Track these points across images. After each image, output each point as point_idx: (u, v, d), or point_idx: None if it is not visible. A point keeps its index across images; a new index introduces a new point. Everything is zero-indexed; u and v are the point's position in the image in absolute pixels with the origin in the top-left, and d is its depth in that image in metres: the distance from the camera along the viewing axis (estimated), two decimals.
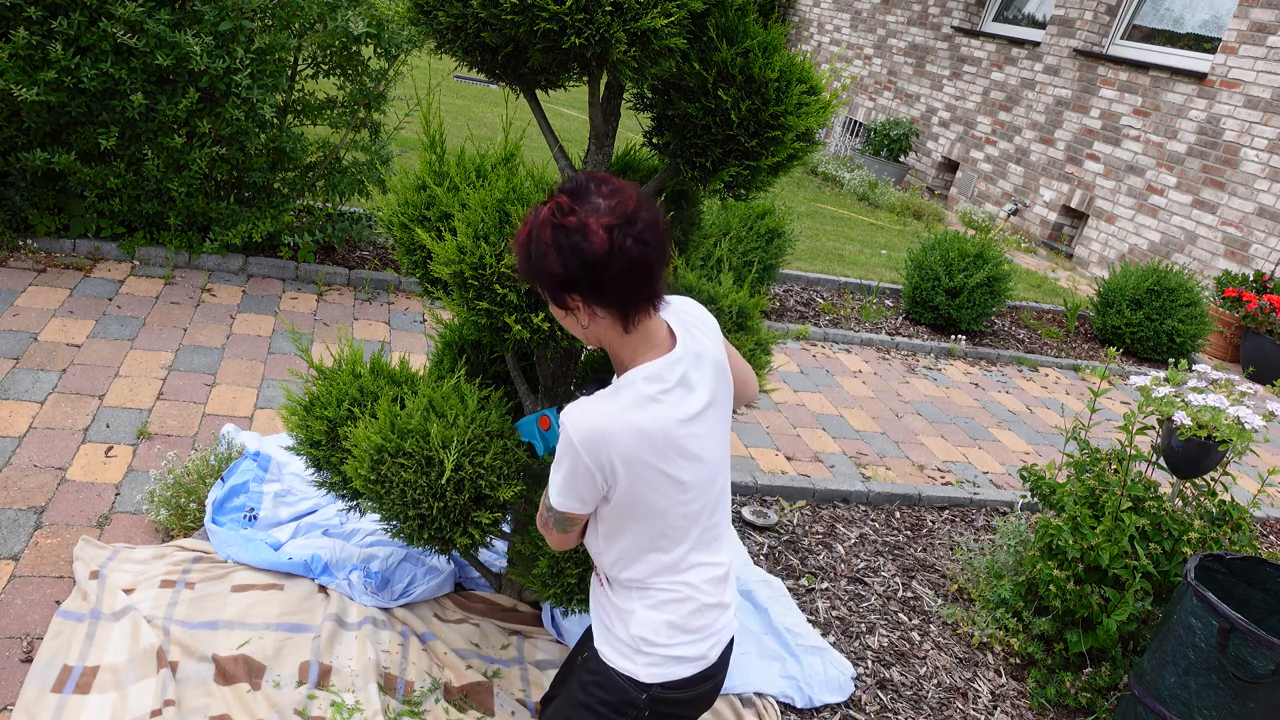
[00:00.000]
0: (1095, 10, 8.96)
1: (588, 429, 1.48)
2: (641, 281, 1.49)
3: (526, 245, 1.52)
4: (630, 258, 1.46)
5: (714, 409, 1.62)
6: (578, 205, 1.47)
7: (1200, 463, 2.93)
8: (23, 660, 2.27)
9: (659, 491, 1.54)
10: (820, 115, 2.21)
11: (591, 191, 1.49)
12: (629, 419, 1.49)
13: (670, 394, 1.53)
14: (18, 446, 3.08)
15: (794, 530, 3.57)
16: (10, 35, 3.84)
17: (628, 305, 1.50)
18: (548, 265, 1.48)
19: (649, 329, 1.55)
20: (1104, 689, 2.90)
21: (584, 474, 1.51)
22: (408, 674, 2.42)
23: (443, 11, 2.03)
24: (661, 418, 1.51)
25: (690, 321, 1.65)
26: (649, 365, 1.54)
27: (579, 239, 1.45)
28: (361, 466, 2.20)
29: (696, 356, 1.60)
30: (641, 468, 1.51)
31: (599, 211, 1.46)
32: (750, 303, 2.39)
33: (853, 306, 6.45)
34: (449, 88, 11.65)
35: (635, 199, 1.49)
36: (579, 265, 1.46)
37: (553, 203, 1.49)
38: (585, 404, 1.52)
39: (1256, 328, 6.60)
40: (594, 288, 1.48)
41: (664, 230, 1.52)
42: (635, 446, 1.49)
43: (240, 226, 4.62)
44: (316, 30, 4.51)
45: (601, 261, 1.45)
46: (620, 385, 1.54)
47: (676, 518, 1.58)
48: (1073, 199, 9.00)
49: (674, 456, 1.53)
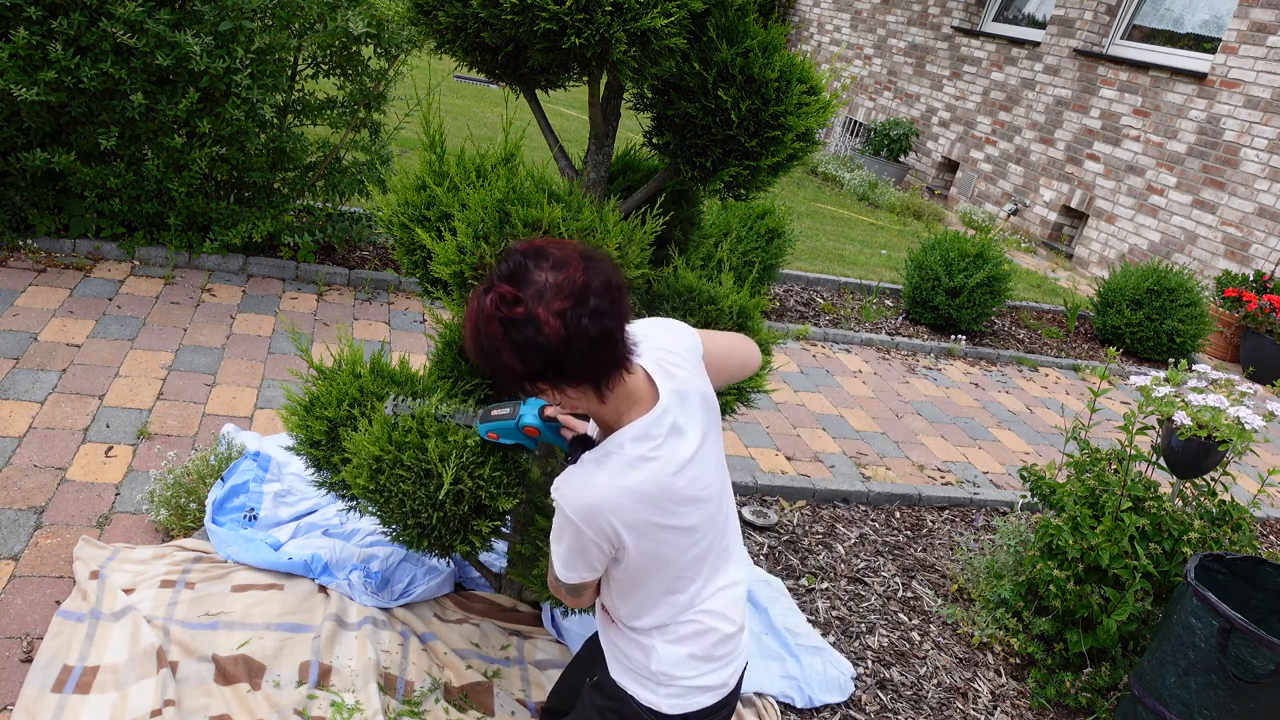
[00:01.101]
0: (1095, 10, 8.96)
1: (584, 504, 1.43)
2: (608, 354, 1.40)
3: (477, 339, 1.40)
4: (590, 338, 1.35)
5: (707, 442, 1.56)
6: (521, 292, 1.35)
7: (1200, 463, 2.93)
8: (23, 660, 2.27)
9: (667, 545, 1.49)
10: (820, 115, 2.21)
11: (532, 270, 1.36)
12: (625, 484, 1.43)
13: (662, 448, 1.47)
14: (18, 446, 3.08)
15: (794, 530, 3.57)
16: (10, 35, 3.84)
17: (598, 378, 1.42)
18: (503, 361, 1.38)
19: (626, 387, 1.47)
20: (1104, 689, 2.90)
21: (589, 546, 1.45)
22: (408, 674, 2.42)
23: (443, 11, 2.03)
24: (657, 474, 1.45)
25: (665, 358, 1.56)
26: (635, 425, 1.47)
27: (531, 332, 1.34)
28: (360, 476, 2.20)
29: (681, 397, 1.52)
30: (646, 528, 1.46)
31: (545, 295, 1.34)
32: (750, 303, 2.39)
33: (853, 306, 6.45)
34: (449, 88, 11.65)
35: (581, 267, 1.37)
36: (537, 359, 1.36)
37: (494, 294, 1.36)
38: (576, 477, 1.45)
39: (1256, 328, 6.60)
40: (558, 374, 1.39)
41: (619, 290, 1.41)
42: (636, 510, 1.44)
43: (240, 226, 4.62)
44: (316, 30, 4.51)
45: (560, 351, 1.35)
46: (608, 449, 1.46)
47: (688, 561, 1.54)
48: (1073, 199, 9.00)
49: (677, 508, 1.48)
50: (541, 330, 1.34)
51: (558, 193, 2.15)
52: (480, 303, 1.38)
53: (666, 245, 2.57)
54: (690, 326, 1.69)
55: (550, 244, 1.41)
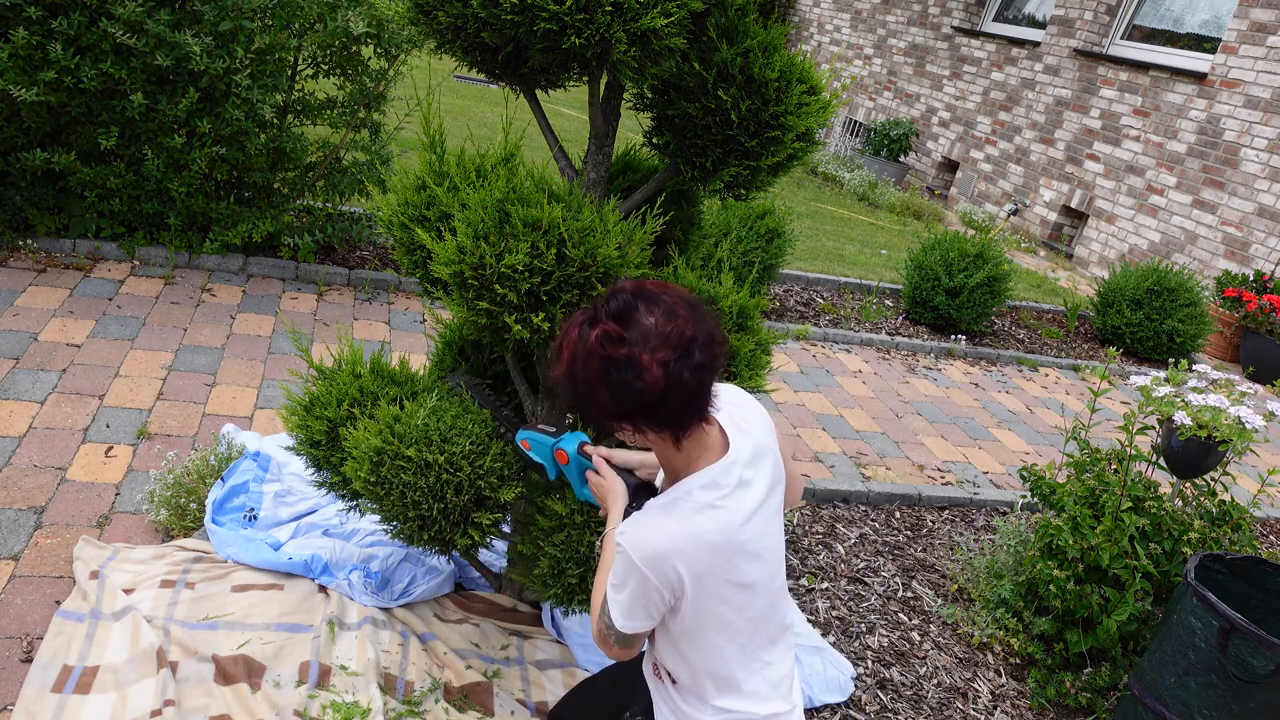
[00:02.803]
0: (1095, 10, 8.96)
1: (652, 550, 1.41)
2: (698, 406, 1.40)
3: (570, 370, 1.40)
4: (689, 391, 1.35)
5: (770, 500, 1.55)
6: (627, 331, 1.34)
7: (1200, 463, 2.93)
8: (23, 660, 2.27)
9: (725, 601, 1.48)
10: (820, 115, 2.21)
11: (640, 313, 1.35)
12: (693, 531, 1.42)
13: (729, 498, 1.46)
14: (18, 446, 3.08)
15: (794, 530, 3.57)
16: (10, 35, 3.84)
17: (680, 428, 1.42)
18: (596, 398, 1.38)
19: (703, 436, 1.47)
20: (1104, 689, 2.90)
21: (652, 593, 1.44)
22: (408, 674, 2.42)
23: (443, 11, 2.03)
24: (724, 523, 1.44)
25: (739, 415, 1.57)
26: (705, 473, 1.46)
27: (630, 376, 1.33)
28: (361, 468, 2.20)
29: (750, 452, 1.52)
30: (709, 579, 1.44)
31: (651, 341, 1.33)
32: (750, 303, 2.39)
33: (853, 306, 6.45)
34: (449, 88, 11.65)
35: (689, 318, 1.36)
36: (632, 403, 1.36)
37: (599, 330, 1.35)
38: (644, 523, 1.44)
39: (1256, 328, 6.60)
40: (647, 419, 1.39)
41: (721, 344, 1.41)
42: (702, 559, 1.42)
43: (240, 226, 4.62)
44: (316, 30, 4.51)
45: (657, 399, 1.35)
46: (676, 496, 1.46)
47: (744, 624, 1.52)
48: (1073, 199, 9.00)
49: (739, 560, 1.47)
50: (642, 376, 1.33)
51: (558, 193, 2.15)
52: (582, 334, 1.37)
53: (666, 245, 2.57)
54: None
55: (661, 289, 1.40)
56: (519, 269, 2.00)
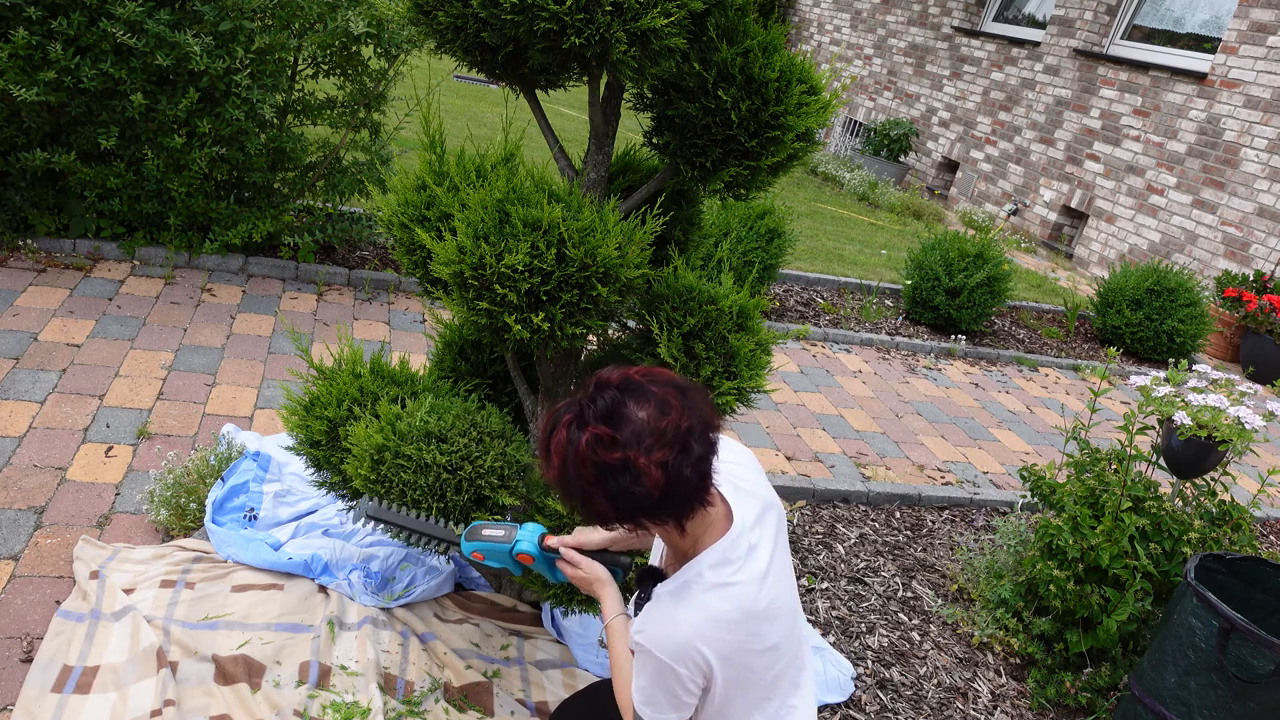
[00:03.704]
0: (1095, 10, 8.96)
1: (676, 643, 1.36)
2: (701, 494, 1.34)
3: (563, 476, 1.32)
4: (690, 486, 1.29)
5: (778, 554, 1.50)
6: (618, 433, 1.26)
7: (1200, 463, 2.93)
8: (23, 660, 2.27)
9: (751, 669, 1.44)
10: (820, 115, 2.21)
11: (630, 409, 1.27)
12: (712, 616, 1.37)
13: (741, 571, 1.40)
14: (18, 446, 3.08)
15: (794, 530, 3.56)
16: (10, 35, 3.84)
17: (683, 517, 1.36)
18: (593, 505, 1.32)
19: (705, 515, 1.41)
20: (1104, 689, 2.90)
21: (686, 682, 1.39)
22: (408, 674, 2.42)
23: (443, 11, 2.03)
24: (740, 600, 1.39)
25: (736, 475, 1.51)
26: (713, 550, 1.41)
27: (628, 481, 1.26)
28: (361, 466, 2.20)
29: (756, 514, 1.48)
30: (734, 655, 1.40)
31: (645, 441, 1.25)
32: (750, 303, 2.39)
33: (853, 306, 6.45)
34: (449, 88, 11.65)
35: (683, 409, 1.29)
36: (632, 507, 1.30)
37: (589, 434, 1.27)
38: (658, 615, 1.39)
39: (1256, 328, 6.60)
40: (649, 517, 1.33)
41: (716, 427, 1.34)
42: (725, 639, 1.38)
43: (240, 226, 4.62)
44: (316, 30, 4.51)
45: (659, 500, 1.29)
46: (687, 579, 1.41)
47: (769, 681, 1.49)
48: (1073, 199, 9.00)
49: (760, 629, 1.42)
50: (641, 480, 1.26)
51: (558, 193, 2.15)
52: (571, 436, 1.29)
53: (666, 245, 2.57)
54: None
55: (648, 378, 1.33)
56: (519, 269, 2.00)
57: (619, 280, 2.10)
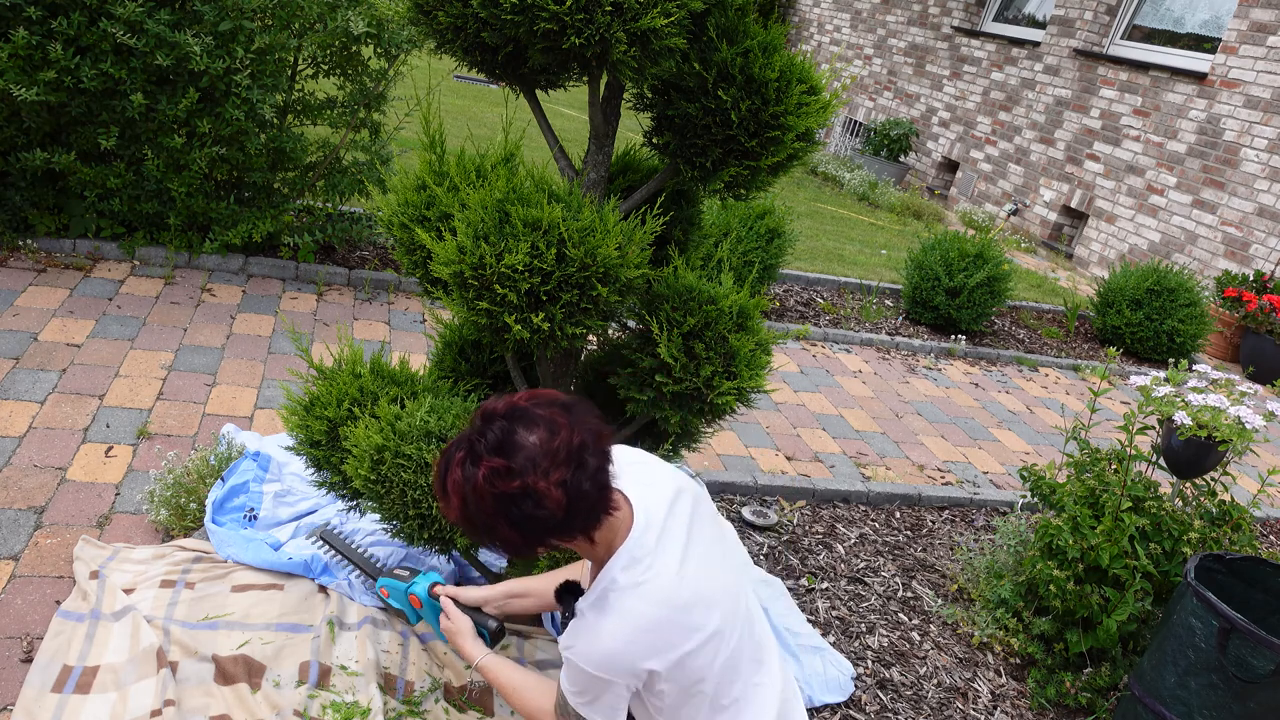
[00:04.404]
0: (1095, 10, 8.96)
1: (603, 655, 1.36)
2: (603, 506, 1.33)
3: (465, 514, 1.31)
4: (592, 501, 1.29)
5: (697, 535, 1.48)
6: (512, 461, 1.25)
7: (1200, 463, 2.93)
8: (23, 660, 2.27)
9: (698, 659, 1.42)
10: (820, 115, 2.21)
11: (520, 435, 1.27)
12: (634, 621, 1.36)
13: (652, 568, 1.39)
14: (18, 446, 3.08)
15: (794, 530, 3.57)
16: (10, 35, 3.84)
17: (589, 530, 1.36)
18: (501, 534, 1.31)
19: (611, 521, 1.40)
20: (1104, 689, 2.90)
21: (621, 690, 1.40)
22: (408, 674, 2.42)
23: (443, 11, 2.03)
24: (659, 595, 1.38)
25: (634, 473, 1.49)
26: (621, 554, 1.40)
27: (531, 508, 1.26)
28: (361, 466, 2.20)
29: (666, 504, 1.46)
30: (671, 651, 1.39)
31: (540, 464, 1.25)
32: (750, 303, 2.39)
33: (853, 306, 6.45)
34: (449, 88, 11.65)
35: (569, 425, 1.29)
36: (539, 530, 1.29)
37: (485, 468, 1.26)
38: (582, 629, 1.39)
39: (1256, 328, 6.60)
40: (556, 537, 1.33)
41: (608, 436, 1.34)
42: (656, 640, 1.37)
43: (240, 226, 4.62)
44: (316, 30, 4.51)
45: (564, 519, 1.28)
46: (602, 589, 1.40)
47: (720, 669, 1.46)
48: (1073, 199, 9.00)
49: (692, 618, 1.41)
50: (544, 504, 1.27)
51: (558, 193, 2.15)
52: (467, 473, 1.29)
53: (666, 245, 2.57)
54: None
55: (532, 403, 1.33)
56: (519, 269, 2.00)
57: (619, 280, 2.10)
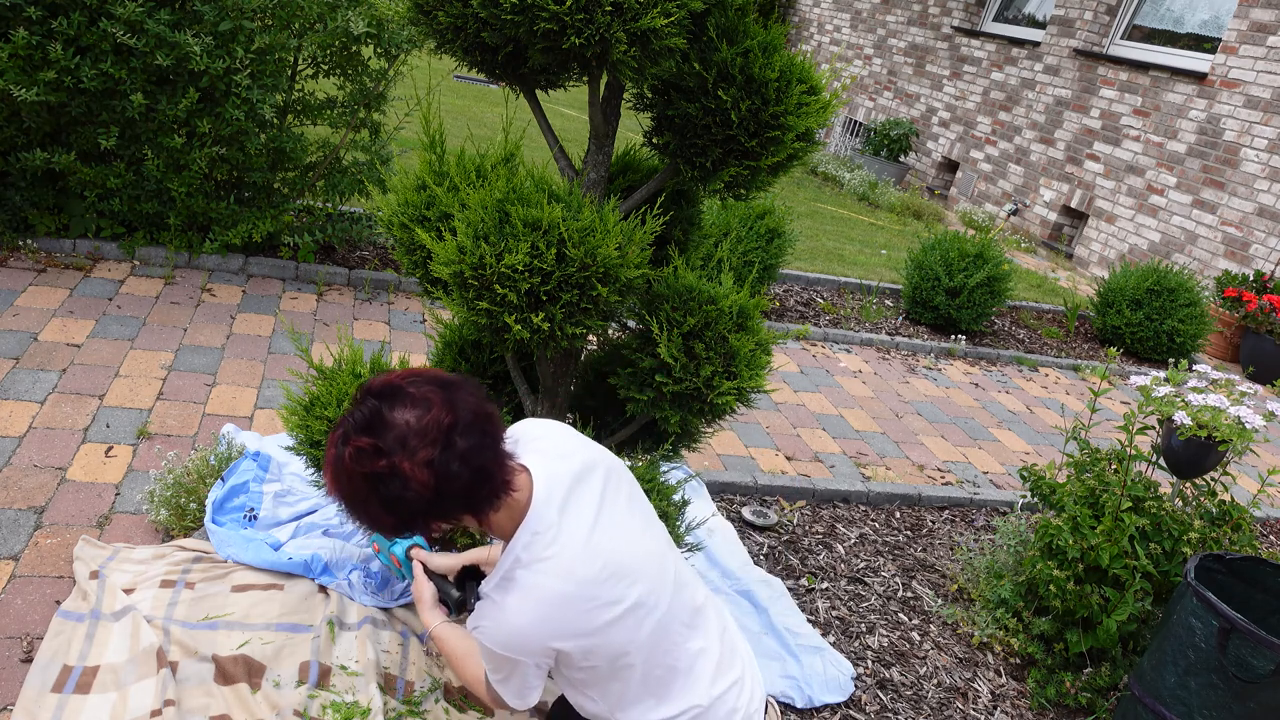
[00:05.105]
0: (1095, 10, 8.96)
1: (507, 635, 1.32)
2: (485, 488, 1.29)
3: (339, 493, 1.29)
4: (463, 482, 1.25)
5: (608, 508, 1.43)
6: (380, 441, 1.23)
7: (1200, 463, 2.93)
8: (23, 660, 2.27)
9: (615, 631, 1.38)
10: (820, 115, 2.21)
11: (388, 414, 1.24)
12: (538, 596, 1.32)
13: (555, 543, 1.35)
14: (18, 446, 3.08)
15: (794, 530, 3.57)
16: (10, 35, 3.84)
17: (478, 510, 1.32)
18: (373, 514, 1.28)
19: (511, 498, 1.36)
20: (1104, 689, 2.90)
21: (531, 669, 1.37)
22: (408, 674, 2.42)
23: (443, 11, 2.03)
24: (565, 571, 1.34)
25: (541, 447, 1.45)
26: (521, 532, 1.36)
27: (398, 488, 1.23)
28: None
29: (572, 476, 1.42)
30: (583, 627, 1.35)
31: (408, 443, 1.22)
32: (750, 303, 2.39)
33: (853, 306, 6.45)
34: (449, 88, 11.65)
35: (442, 403, 1.25)
36: (410, 511, 1.26)
37: (351, 447, 1.24)
38: (488, 610, 1.35)
39: (1256, 328, 6.60)
40: (436, 517, 1.29)
41: (487, 418, 1.30)
42: (565, 617, 1.33)
43: (240, 226, 4.62)
44: (316, 30, 4.51)
45: (433, 500, 1.25)
46: (505, 570, 1.36)
47: (647, 637, 1.42)
48: (1073, 199, 9.00)
49: (606, 591, 1.36)
50: (409, 485, 1.23)
51: (558, 193, 2.15)
52: (339, 454, 1.27)
53: (666, 245, 2.57)
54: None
55: (406, 379, 1.29)
56: (519, 269, 2.00)
57: (619, 280, 2.10)
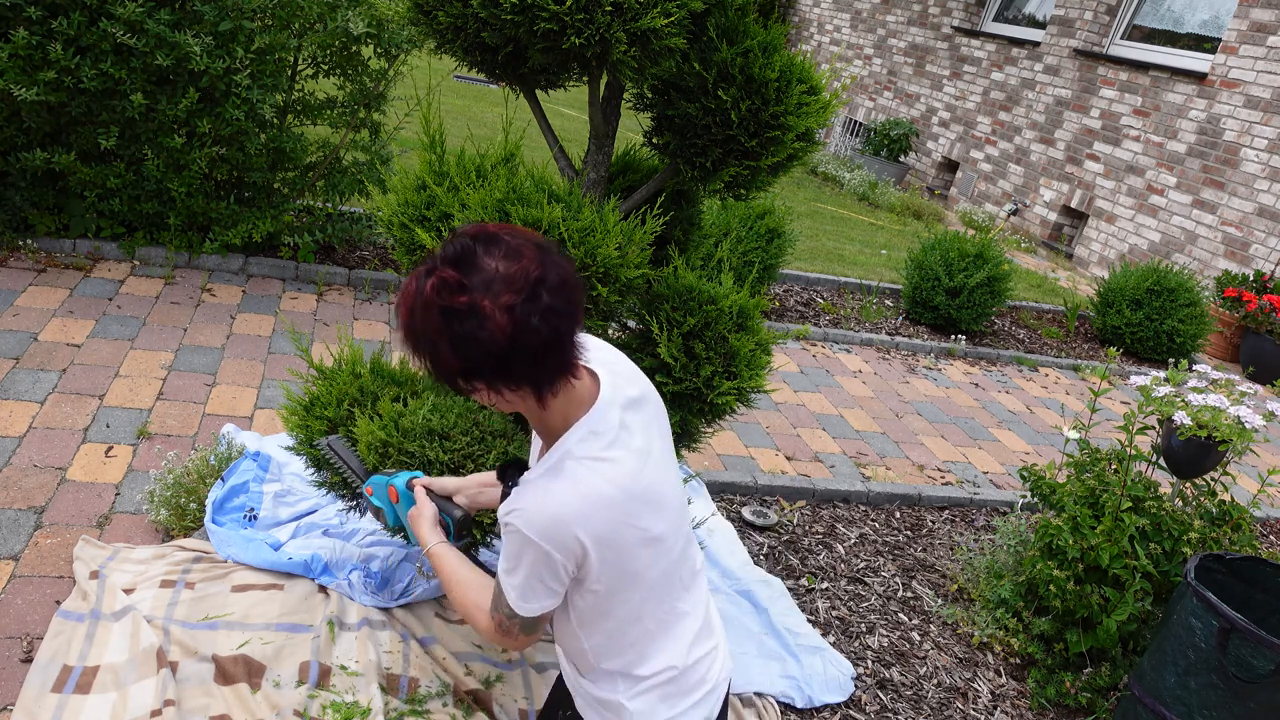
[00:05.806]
0: (1095, 10, 8.96)
1: (547, 518, 1.29)
2: (556, 357, 1.27)
3: (410, 326, 1.26)
4: (540, 339, 1.23)
5: (655, 447, 1.44)
6: (466, 278, 1.21)
7: (1200, 463, 2.93)
8: (23, 660, 2.27)
9: (635, 559, 1.38)
10: (820, 115, 2.22)
11: (480, 255, 1.23)
12: (585, 491, 1.31)
13: (613, 447, 1.35)
14: (18, 446, 3.08)
15: (794, 530, 3.57)
16: (10, 35, 3.84)
17: (541, 384, 1.29)
18: (439, 354, 1.25)
19: (570, 390, 1.35)
20: (1104, 689, 2.90)
21: (556, 568, 1.33)
22: (410, 673, 2.42)
23: (443, 11, 2.03)
24: (614, 476, 1.33)
25: (609, 358, 1.46)
26: (580, 424, 1.35)
27: (474, 326, 1.20)
28: (365, 461, 2.20)
29: (629, 397, 1.41)
30: (613, 540, 1.34)
31: (493, 286, 1.20)
32: (750, 303, 2.39)
33: (853, 306, 6.45)
34: (449, 88, 11.65)
35: (536, 259, 1.24)
36: (478, 356, 1.23)
37: (436, 278, 1.22)
38: (529, 493, 1.33)
39: (1256, 328, 6.60)
40: (499, 375, 1.26)
41: (575, 287, 1.29)
42: (602, 519, 1.32)
43: (240, 226, 4.62)
44: (316, 30, 4.51)
45: (506, 350, 1.22)
46: (559, 458, 1.34)
47: (656, 575, 1.42)
48: (1073, 199, 9.00)
49: (641, 512, 1.36)
50: (485, 325, 1.21)
51: (558, 193, 2.15)
52: (419, 284, 1.24)
53: (666, 245, 2.57)
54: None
55: (504, 230, 1.29)
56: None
57: (619, 280, 2.10)
